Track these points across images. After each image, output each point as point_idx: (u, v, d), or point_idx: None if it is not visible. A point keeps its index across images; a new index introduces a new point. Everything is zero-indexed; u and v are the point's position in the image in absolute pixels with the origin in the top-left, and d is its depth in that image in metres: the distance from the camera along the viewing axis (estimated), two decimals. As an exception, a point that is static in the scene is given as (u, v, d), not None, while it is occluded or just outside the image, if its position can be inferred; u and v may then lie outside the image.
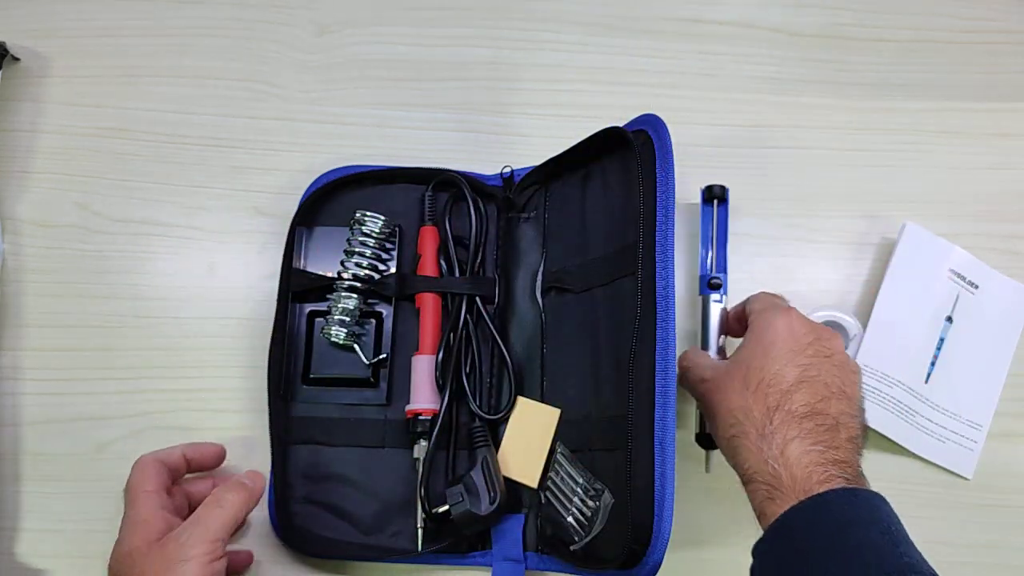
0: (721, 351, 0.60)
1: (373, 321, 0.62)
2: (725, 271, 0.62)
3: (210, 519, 0.49)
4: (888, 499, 0.45)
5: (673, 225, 0.50)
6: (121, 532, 0.50)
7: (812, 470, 0.42)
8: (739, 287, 0.65)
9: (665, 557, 0.46)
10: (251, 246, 0.66)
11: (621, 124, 0.57)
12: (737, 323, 0.57)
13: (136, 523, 0.50)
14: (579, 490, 0.53)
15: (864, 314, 0.64)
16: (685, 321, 0.64)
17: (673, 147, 0.52)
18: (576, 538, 0.52)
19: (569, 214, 0.62)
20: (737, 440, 0.45)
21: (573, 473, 0.55)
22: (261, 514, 0.59)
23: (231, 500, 0.50)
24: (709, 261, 0.63)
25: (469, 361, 0.60)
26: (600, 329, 0.57)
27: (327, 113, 0.69)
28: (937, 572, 0.39)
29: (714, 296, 0.60)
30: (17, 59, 0.68)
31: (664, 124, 0.53)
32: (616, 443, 0.51)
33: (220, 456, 0.59)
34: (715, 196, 0.63)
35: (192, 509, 0.52)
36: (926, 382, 0.63)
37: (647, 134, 0.54)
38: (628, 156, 0.55)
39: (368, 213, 0.61)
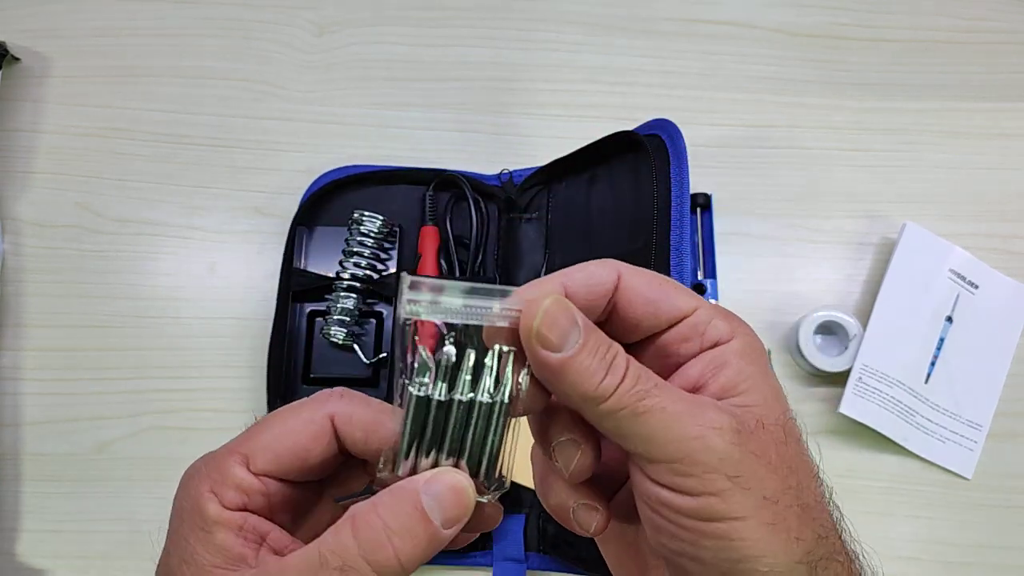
0: None
1: (373, 321, 0.62)
2: (714, 277, 0.63)
3: None
4: (888, 499, 0.44)
5: (688, 229, 0.51)
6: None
7: None
8: (740, 287, 0.65)
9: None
10: (251, 246, 0.66)
11: (621, 124, 0.57)
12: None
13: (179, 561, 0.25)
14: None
15: (864, 314, 0.64)
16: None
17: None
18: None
19: (574, 215, 0.62)
20: None
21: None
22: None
23: (384, 555, 0.24)
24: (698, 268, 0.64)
25: (469, 361, 0.60)
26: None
27: (327, 113, 0.69)
28: None
29: None
30: (17, 59, 0.68)
31: (678, 129, 0.54)
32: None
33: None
34: (699, 204, 0.65)
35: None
36: (926, 382, 0.63)
37: (660, 139, 0.54)
38: (639, 160, 0.55)
39: (366, 213, 0.61)
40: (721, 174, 0.67)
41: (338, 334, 0.60)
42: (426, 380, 0.25)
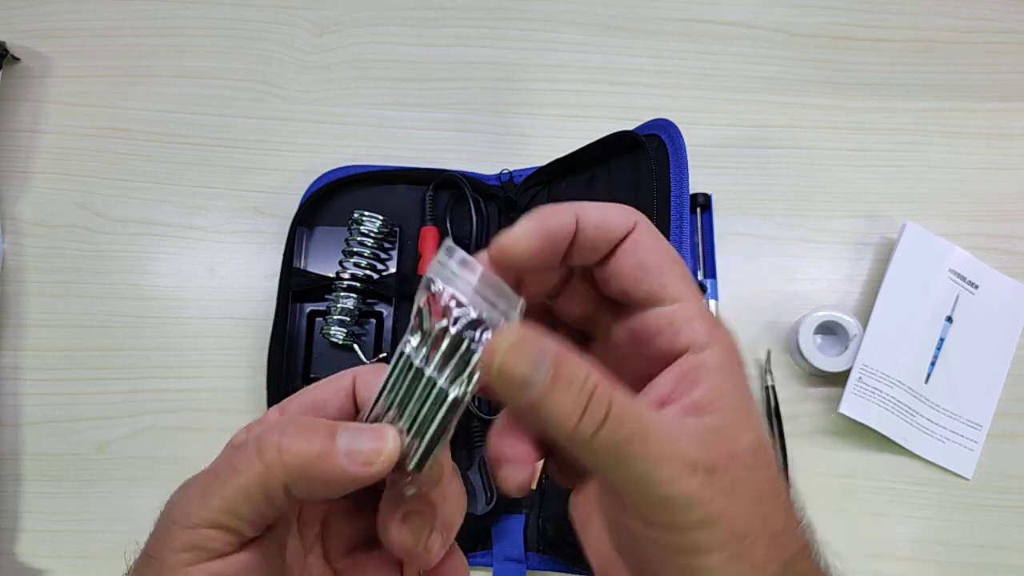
0: None
1: (373, 321, 0.62)
2: (714, 277, 0.63)
3: (218, 480, 0.24)
4: (888, 499, 0.44)
5: (688, 229, 0.51)
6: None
7: None
8: (740, 287, 0.65)
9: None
10: (251, 246, 0.66)
11: (621, 124, 0.57)
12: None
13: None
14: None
15: (864, 314, 0.64)
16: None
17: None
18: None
19: None
20: None
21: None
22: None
23: (266, 458, 0.23)
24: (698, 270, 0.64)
25: (469, 361, 0.60)
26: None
27: (327, 113, 0.69)
28: None
29: None
30: (17, 59, 0.68)
31: (677, 129, 0.54)
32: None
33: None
34: (699, 204, 0.65)
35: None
36: (926, 382, 0.63)
37: (660, 139, 0.54)
38: (639, 160, 0.55)
39: (366, 213, 0.61)
40: (721, 174, 0.67)
41: (338, 334, 0.59)
42: (414, 341, 0.24)
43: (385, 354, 0.61)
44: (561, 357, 0.23)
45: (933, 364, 0.63)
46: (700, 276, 0.64)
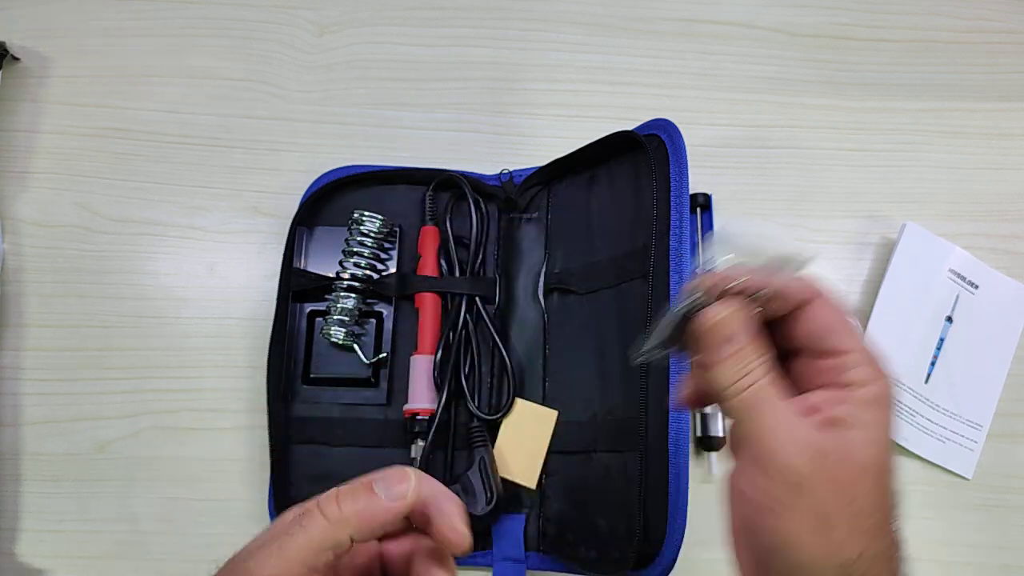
0: None
1: (373, 321, 0.62)
2: None
3: (291, 538, 0.30)
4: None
5: (688, 229, 0.51)
6: None
7: None
8: (739, 287, 0.65)
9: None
10: (251, 246, 0.66)
11: (621, 124, 0.57)
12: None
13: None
14: None
15: (864, 314, 0.64)
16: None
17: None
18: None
19: (573, 215, 0.62)
20: None
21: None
22: (261, 514, 0.59)
23: (330, 516, 0.30)
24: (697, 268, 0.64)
25: (468, 361, 0.60)
26: (606, 331, 0.57)
27: (327, 113, 0.69)
28: None
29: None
30: (17, 59, 0.68)
31: (677, 129, 0.54)
32: (624, 444, 0.52)
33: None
34: (699, 204, 0.65)
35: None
36: (926, 382, 0.63)
37: (660, 139, 0.54)
38: (639, 160, 0.55)
39: (366, 213, 0.61)
40: (721, 174, 0.67)
41: (338, 334, 0.60)
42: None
43: (385, 354, 0.61)
44: (743, 339, 0.31)
45: (933, 364, 0.63)
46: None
